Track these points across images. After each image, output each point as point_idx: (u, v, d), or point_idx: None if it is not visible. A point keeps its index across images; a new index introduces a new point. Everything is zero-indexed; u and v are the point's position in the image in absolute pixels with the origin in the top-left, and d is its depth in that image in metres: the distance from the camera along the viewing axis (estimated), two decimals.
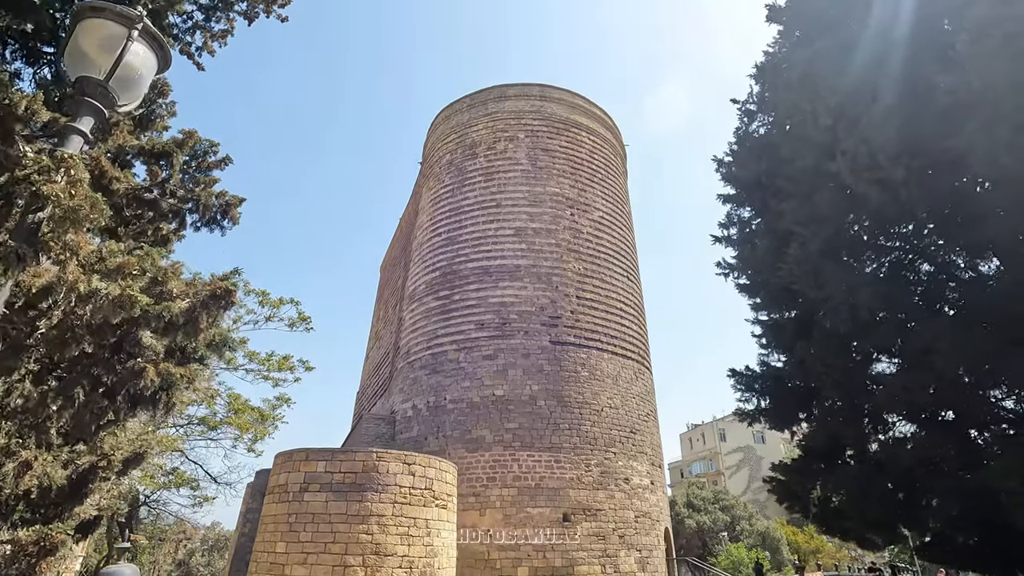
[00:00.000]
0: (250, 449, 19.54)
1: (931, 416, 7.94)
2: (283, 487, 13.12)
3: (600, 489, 23.61)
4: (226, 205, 9.58)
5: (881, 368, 8.44)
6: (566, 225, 29.74)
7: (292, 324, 19.14)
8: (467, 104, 35.52)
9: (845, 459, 9.67)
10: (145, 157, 8.79)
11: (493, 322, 26.73)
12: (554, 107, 34.12)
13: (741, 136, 11.31)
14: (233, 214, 9.63)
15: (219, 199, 9.54)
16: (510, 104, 34.10)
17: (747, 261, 10.16)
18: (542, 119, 33.35)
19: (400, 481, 13.17)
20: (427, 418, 25.81)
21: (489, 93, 35.04)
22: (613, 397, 26.12)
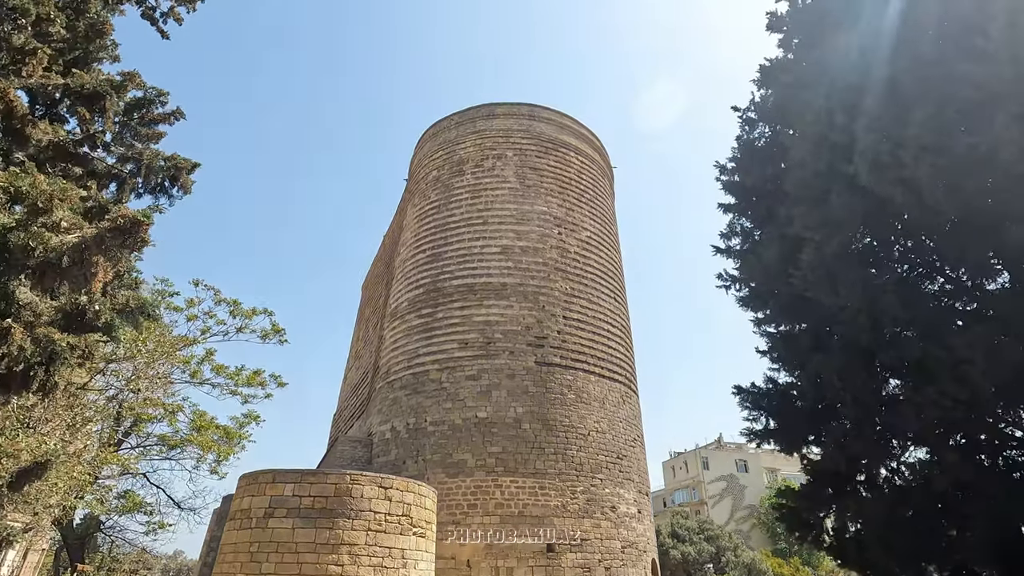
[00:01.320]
0: (213, 471, 18.19)
1: (967, 436, 7.34)
2: (246, 512, 11.98)
3: (586, 517, 22.56)
4: (175, 169, 8.48)
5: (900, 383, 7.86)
6: (553, 244, 29.24)
7: (265, 336, 18.10)
8: (455, 121, 35.20)
9: (858, 484, 9.01)
10: (72, 99, 7.62)
11: (477, 341, 25.87)
12: (543, 126, 33.96)
13: (743, 143, 10.92)
14: (184, 181, 8.57)
15: (168, 161, 8.45)
16: (499, 122, 33.86)
17: (752, 271, 9.62)
18: (531, 138, 33.12)
19: (375, 506, 12.12)
20: (406, 441, 24.64)
21: (478, 111, 34.81)
22: (600, 421, 25.27)
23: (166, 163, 8.39)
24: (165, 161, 8.39)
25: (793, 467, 68.52)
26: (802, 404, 9.07)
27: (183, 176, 8.54)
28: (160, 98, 8.68)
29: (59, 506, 14.05)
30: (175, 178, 8.51)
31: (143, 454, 18.77)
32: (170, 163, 8.42)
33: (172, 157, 8.49)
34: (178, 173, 8.48)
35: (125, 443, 19.68)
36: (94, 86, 7.38)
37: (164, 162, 8.38)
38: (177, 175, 8.49)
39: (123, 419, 17.35)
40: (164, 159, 8.41)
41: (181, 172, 8.48)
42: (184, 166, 8.45)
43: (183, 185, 8.58)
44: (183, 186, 8.58)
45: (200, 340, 16.26)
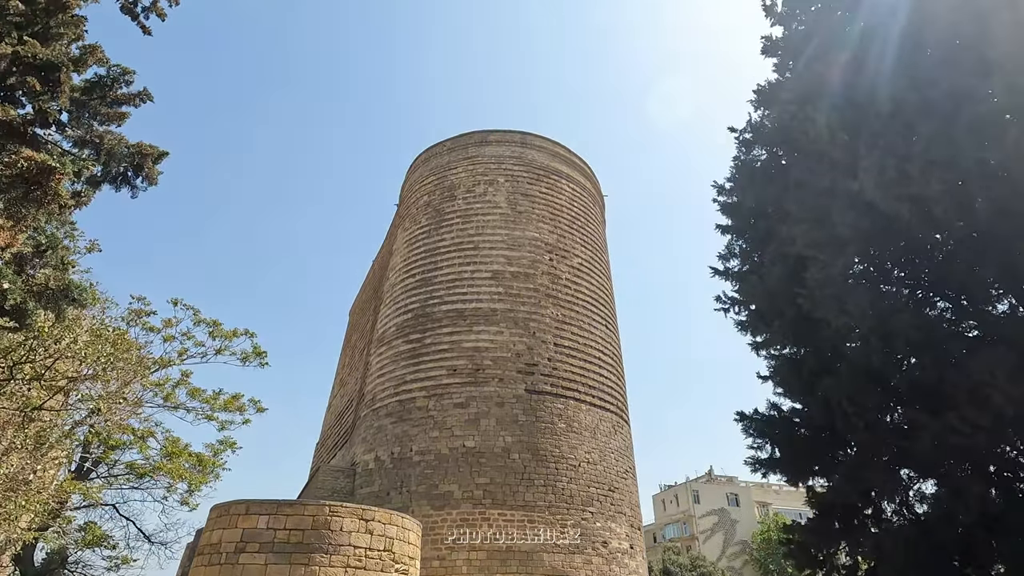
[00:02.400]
0: (184, 502, 17.22)
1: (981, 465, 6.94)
2: (215, 547, 11.18)
3: (577, 553, 21.66)
4: (140, 156, 7.83)
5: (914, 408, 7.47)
6: (544, 270, 28.98)
7: (246, 358, 17.41)
8: (447, 147, 35.29)
9: (866, 518, 8.54)
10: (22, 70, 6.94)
11: (466, 368, 25.27)
12: (535, 154, 34.12)
13: (741, 164, 10.78)
14: (150, 170, 7.91)
15: (131, 148, 7.81)
16: (491, 149, 33.99)
17: (754, 293, 9.33)
18: (523, 165, 33.22)
19: (355, 540, 11.37)
20: (390, 471, 23.73)
21: (470, 138, 34.98)
22: (591, 452, 24.58)
23: (130, 150, 7.76)
24: (129, 148, 7.78)
25: (784, 501, 67.49)
26: (808, 432, 8.68)
27: (148, 165, 7.85)
28: (125, 77, 8.07)
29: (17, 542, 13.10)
30: (140, 167, 7.81)
31: (110, 483, 17.76)
32: (134, 150, 7.80)
33: (137, 144, 7.89)
34: (143, 161, 7.79)
35: (93, 472, 18.66)
36: (48, 57, 6.74)
37: (127, 148, 7.77)
38: (142, 163, 7.79)
39: (91, 446, 16.45)
40: (127, 146, 7.81)
41: (146, 160, 7.81)
42: (150, 153, 7.80)
43: (148, 176, 7.89)
44: (148, 176, 7.90)
45: (177, 362, 15.59)
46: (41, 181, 5.03)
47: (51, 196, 5.10)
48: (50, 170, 5.01)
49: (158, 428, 16.56)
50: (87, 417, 12.84)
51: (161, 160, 7.80)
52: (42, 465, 10.84)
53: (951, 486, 7.04)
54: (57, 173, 5.03)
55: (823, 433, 8.57)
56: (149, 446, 15.66)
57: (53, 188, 5.08)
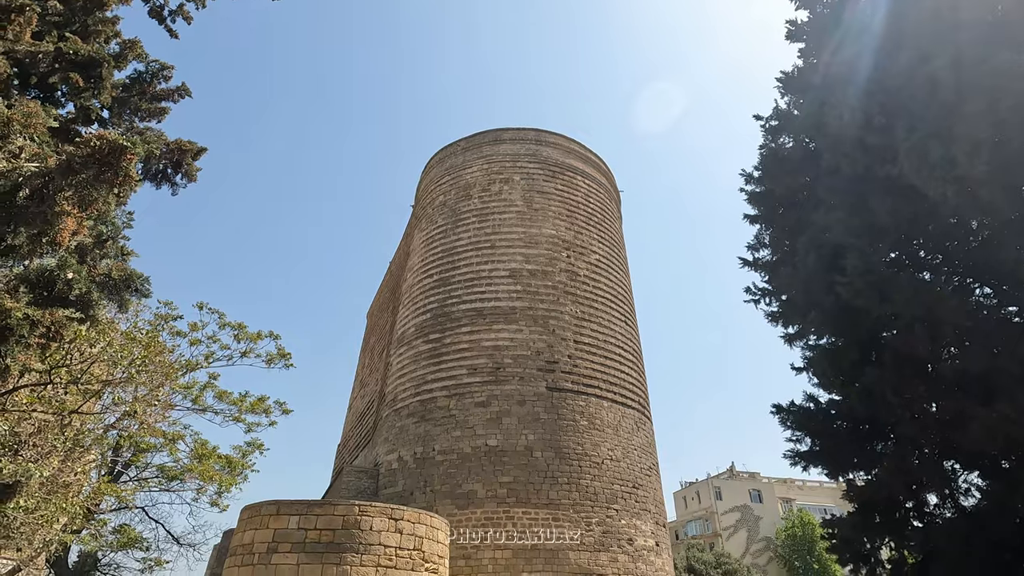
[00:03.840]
0: (214, 503, 17.45)
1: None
2: (247, 547, 11.25)
3: (602, 551, 21.52)
4: (179, 152, 7.84)
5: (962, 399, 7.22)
6: (562, 267, 28.84)
7: (270, 360, 17.57)
8: (461, 147, 35.28)
9: (909, 512, 8.30)
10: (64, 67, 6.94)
11: (486, 367, 25.23)
12: (549, 151, 33.97)
13: (768, 152, 10.55)
14: (189, 167, 7.95)
15: (171, 145, 7.81)
16: (505, 147, 33.92)
17: (787, 283, 9.12)
18: (538, 162, 33.09)
19: (385, 540, 11.37)
20: (413, 471, 23.77)
21: (484, 136, 34.93)
22: (614, 449, 24.39)
23: (169, 146, 7.77)
24: (168, 144, 7.79)
25: (808, 497, 66.50)
26: (847, 424, 8.46)
27: (188, 161, 7.88)
28: (164, 72, 8.11)
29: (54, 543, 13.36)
30: (179, 163, 7.85)
31: (141, 486, 18.04)
32: (174, 146, 7.81)
33: (176, 141, 7.89)
34: (182, 157, 7.81)
35: (124, 475, 18.97)
36: (89, 53, 6.75)
37: (167, 145, 7.78)
38: (181, 160, 7.83)
39: (122, 449, 16.74)
40: (166, 142, 7.82)
41: (186, 156, 7.83)
42: (189, 149, 7.77)
43: (188, 172, 7.92)
44: (188, 173, 7.91)
45: (204, 365, 15.78)
46: (112, 161, 4.91)
47: (122, 177, 4.99)
48: (121, 149, 4.87)
49: (187, 431, 16.83)
50: (119, 420, 13.06)
51: (200, 156, 7.82)
52: (81, 467, 11.00)
53: (1006, 478, 6.79)
54: (128, 152, 4.91)
55: (863, 425, 8.35)
56: (179, 449, 15.93)
57: (124, 169, 4.95)
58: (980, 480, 8.32)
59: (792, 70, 10.63)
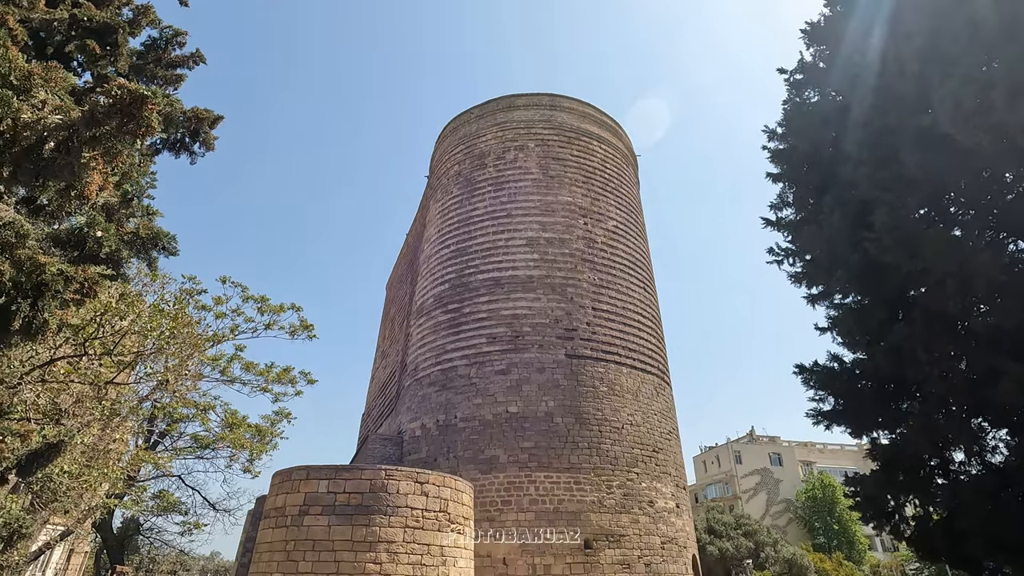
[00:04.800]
0: (246, 470, 18.14)
1: None
2: (280, 510, 11.68)
3: (623, 513, 21.92)
4: (196, 121, 7.88)
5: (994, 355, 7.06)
6: (580, 235, 28.61)
7: (294, 332, 17.91)
8: (475, 115, 34.78)
9: (933, 469, 8.24)
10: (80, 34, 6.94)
11: (505, 335, 25.40)
12: (564, 116, 33.34)
13: (793, 107, 10.17)
14: (207, 135, 7.99)
15: (187, 113, 7.84)
16: (519, 114, 33.36)
17: (812, 241, 8.89)
18: (552, 128, 32.53)
19: (412, 502, 11.71)
20: (436, 437, 24.29)
21: (497, 103, 34.38)
22: (634, 414, 24.58)
23: (186, 115, 7.78)
24: (185, 113, 7.79)
25: (829, 460, 66.61)
26: (872, 383, 8.36)
27: (205, 130, 7.90)
28: (178, 38, 8.08)
29: (98, 508, 14.06)
30: (196, 132, 7.89)
31: (177, 454, 18.78)
32: (191, 115, 7.81)
33: (193, 109, 7.91)
34: (200, 126, 7.84)
35: (160, 444, 19.78)
36: (104, 19, 6.73)
37: (183, 114, 7.78)
38: (199, 128, 7.86)
39: (157, 419, 17.41)
40: (183, 111, 7.82)
41: (203, 124, 7.85)
42: (206, 118, 7.78)
43: (206, 141, 7.95)
44: (206, 142, 7.95)
45: (230, 337, 16.16)
46: (134, 112, 4.92)
47: (145, 127, 4.99)
48: (143, 99, 4.93)
49: (217, 402, 17.39)
50: (153, 391, 13.54)
51: (216, 125, 7.78)
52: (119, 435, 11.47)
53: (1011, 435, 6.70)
54: (150, 102, 4.91)
55: (888, 384, 8.24)
56: (210, 419, 16.48)
57: (147, 119, 4.95)
58: (1009, 437, 8.20)
59: (818, 20, 10.10)
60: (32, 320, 4.91)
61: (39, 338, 5.09)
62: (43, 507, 9.76)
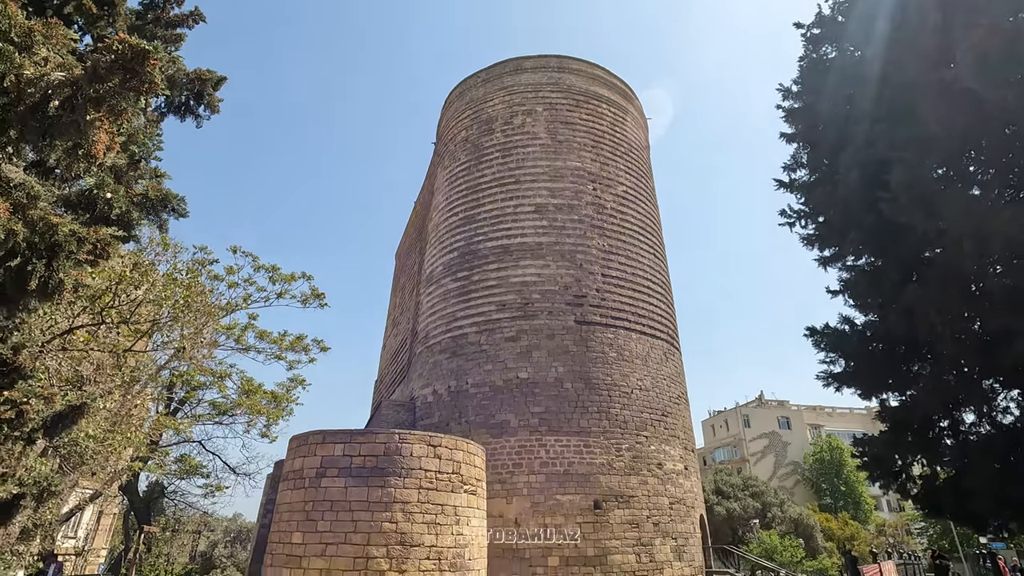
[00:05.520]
0: (264, 434, 18.65)
1: None
2: (298, 472, 12.05)
3: (632, 475, 22.35)
4: (199, 83, 7.76)
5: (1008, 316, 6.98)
6: (589, 200, 28.32)
7: (305, 300, 18.11)
8: (482, 79, 34.06)
9: (942, 430, 8.28)
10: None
11: (515, 302, 25.50)
12: (573, 79, 32.57)
13: (809, 64, 9.83)
14: (211, 97, 7.89)
15: (190, 75, 7.73)
16: (527, 77, 32.62)
17: (826, 203, 8.73)
18: (561, 91, 31.83)
19: (425, 465, 12.01)
20: (448, 403, 24.71)
21: (504, 66, 33.58)
22: (643, 378, 24.79)
23: (188, 76, 7.66)
24: (187, 75, 7.68)
25: (837, 423, 67.04)
26: (883, 345, 8.33)
27: (209, 91, 7.77)
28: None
29: (124, 472, 14.61)
30: (200, 94, 7.77)
31: (196, 420, 19.33)
32: (193, 76, 7.69)
33: (196, 71, 7.78)
34: (203, 87, 7.71)
35: (180, 411, 20.33)
36: None
37: (186, 76, 7.66)
38: (202, 90, 7.74)
39: (175, 387, 17.87)
40: (186, 73, 7.70)
41: (206, 86, 7.72)
42: (209, 79, 7.62)
43: (210, 103, 7.83)
44: (210, 104, 7.84)
45: (243, 306, 16.39)
46: (136, 68, 4.88)
47: (148, 83, 4.96)
48: (144, 53, 4.89)
49: (233, 370, 17.76)
50: (170, 360, 13.86)
51: (220, 86, 7.67)
52: (140, 401, 11.83)
53: None
54: (151, 58, 4.84)
55: (899, 346, 8.21)
56: (227, 386, 16.88)
57: (149, 74, 4.90)
58: (1021, 397, 8.19)
59: None
60: (48, 280, 4.98)
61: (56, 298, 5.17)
62: (71, 470, 10.15)
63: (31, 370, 6.38)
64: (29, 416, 5.84)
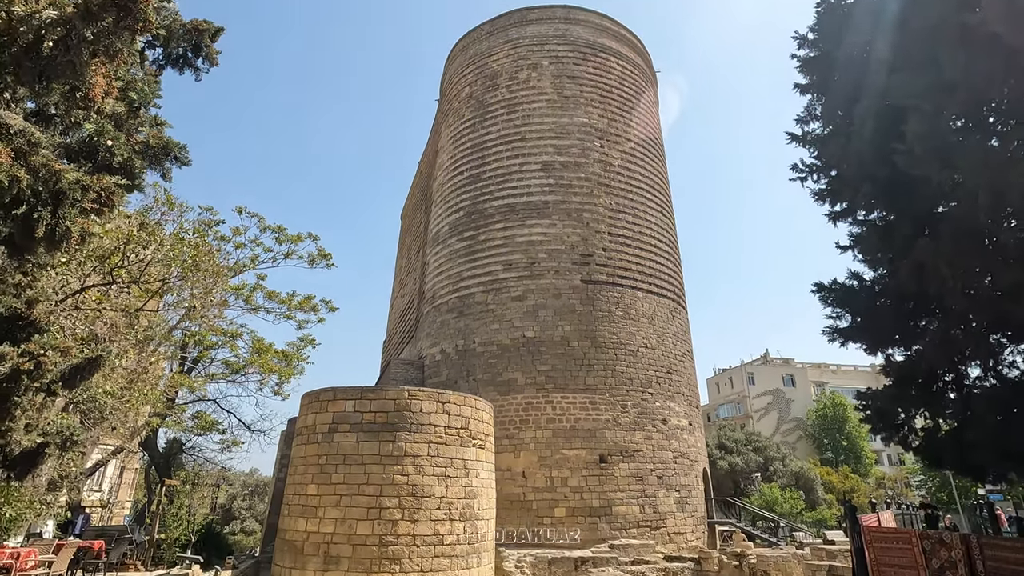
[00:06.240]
0: (276, 392, 19.13)
1: None
2: (311, 428, 12.38)
3: (637, 430, 22.82)
4: (196, 33, 7.57)
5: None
6: (596, 158, 27.85)
7: (312, 261, 18.18)
8: (486, 32, 32.99)
9: (946, 384, 8.34)
10: None
11: (521, 262, 25.49)
12: (580, 30, 31.49)
13: (826, 9, 9.39)
14: (209, 49, 7.72)
15: (187, 26, 7.53)
16: (532, 29, 31.57)
17: (839, 155, 8.51)
18: (567, 44, 30.83)
19: (435, 420, 12.29)
20: (456, 362, 25.08)
21: (509, 18, 32.46)
22: (649, 337, 24.96)
23: (185, 27, 7.46)
24: (184, 25, 7.47)
25: (841, 380, 67.55)
26: (890, 301, 8.29)
27: (207, 42, 7.56)
28: None
29: (144, 428, 15.10)
30: (198, 46, 7.59)
31: (210, 378, 19.78)
32: (190, 27, 7.49)
33: (192, 21, 7.54)
34: (200, 39, 7.53)
35: (194, 370, 20.80)
36: None
37: (183, 26, 7.46)
38: (200, 42, 7.55)
39: (188, 346, 18.23)
40: (183, 23, 7.49)
41: (204, 37, 7.53)
42: (207, 29, 7.37)
43: (208, 55, 7.64)
44: (208, 56, 7.64)
45: (251, 266, 16.49)
46: (130, 6, 4.79)
47: (142, 22, 4.85)
48: None
49: (243, 330, 18.05)
50: (182, 319, 14.09)
51: (218, 37, 7.44)
52: (155, 359, 12.13)
53: None
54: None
55: (908, 302, 8.17)
56: (238, 345, 17.20)
57: (143, 12, 4.79)
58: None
59: None
60: (55, 228, 5.00)
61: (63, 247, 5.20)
62: (92, 426, 10.49)
63: (47, 324, 6.50)
64: (47, 367, 6.00)
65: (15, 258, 5.64)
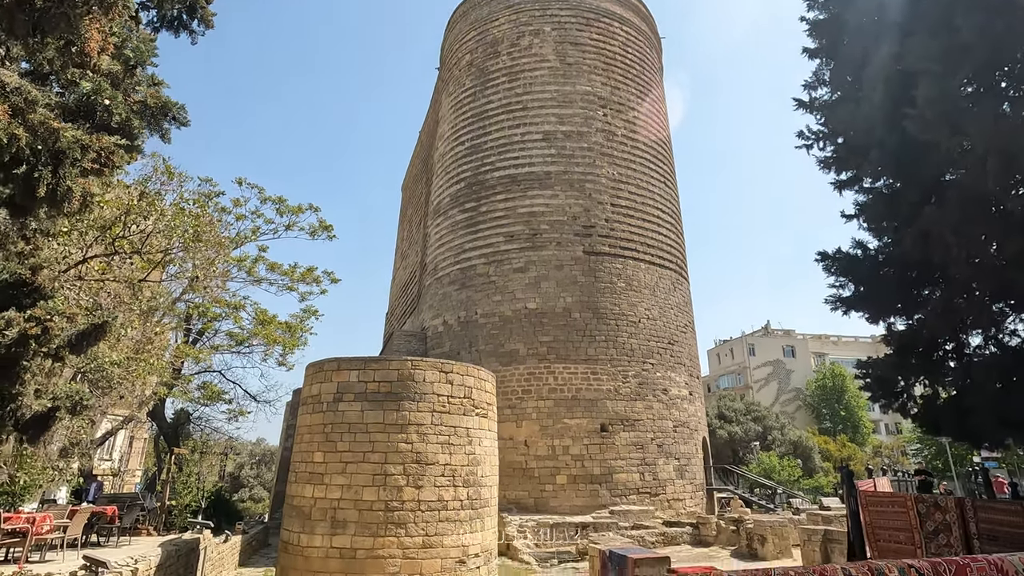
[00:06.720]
0: (281, 363, 19.34)
1: None
2: (316, 398, 12.54)
3: (638, 400, 23.08)
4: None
5: None
6: (598, 127, 27.43)
7: (313, 232, 18.15)
8: None
9: (947, 353, 8.38)
10: None
11: (523, 233, 25.38)
12: None
13: None
14: (204, 11, 7.59)
15: None
16: None
17: (847, 122, 8.37)
18: (570, 9, 30.04)
19: (438, 390, 12.43)
20: (458, 333, 25.23)
21: None
22: (651, 308, 25.02)
23: None
24: None
25: (842, 351, 67.87)
26: (894, 270, 8.27)
27: (202, 4, 7.46)
28: None
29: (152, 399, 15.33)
30: (192, 8, 7.46)
31: (215, 349, 19.97)
32: None
33: None
34: (195, 1, 7.46)
35: (199, 341, 20.98)
36: None
37: None
38: (195, 4, 7.44)
39: (192, 318, 18.35)
40: None
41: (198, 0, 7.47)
42: None
43: (203, 18, 7.53)
44: (203, 19, 7.54)
45: (252, 238, 16.46)
46: None
47: None
48: None
49: (246, 301, 18.11)
50: (185, 290, 14.14)
51: None
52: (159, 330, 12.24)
53: None
54: None
55: (912, 271, 8.14)
56: (242, 317, 17.28)
57: None
58: None
59: None
60: (56, 188, 4.96)
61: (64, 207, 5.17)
62: (100, 395, 10.65)
63: (51, 291, 6.53)
64: (54, 332, 6.04)
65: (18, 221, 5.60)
